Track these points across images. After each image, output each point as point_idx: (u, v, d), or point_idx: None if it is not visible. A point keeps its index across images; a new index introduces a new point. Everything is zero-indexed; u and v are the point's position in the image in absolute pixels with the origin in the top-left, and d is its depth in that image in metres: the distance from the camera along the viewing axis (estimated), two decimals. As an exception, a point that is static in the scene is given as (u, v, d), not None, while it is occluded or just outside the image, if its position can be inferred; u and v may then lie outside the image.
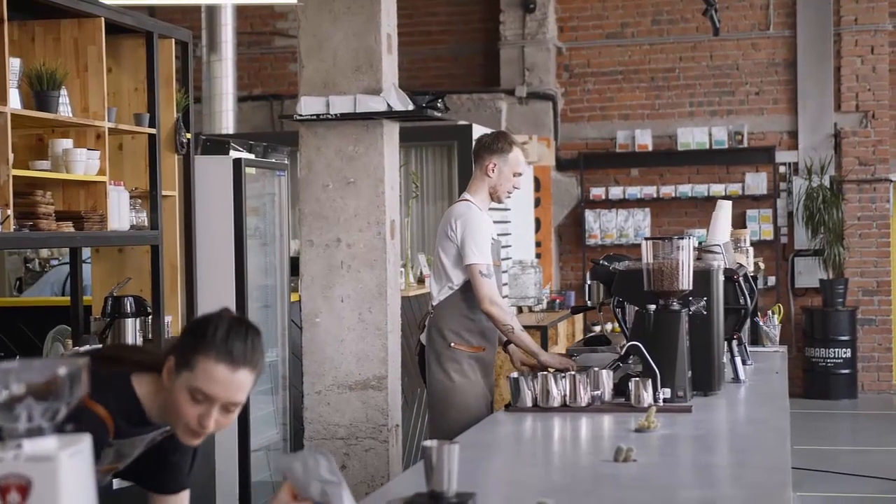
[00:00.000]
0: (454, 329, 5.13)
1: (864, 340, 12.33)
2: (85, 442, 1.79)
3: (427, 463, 2.72)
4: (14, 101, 4.58)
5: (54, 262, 8.79)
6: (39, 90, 4.74)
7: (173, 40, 5.78)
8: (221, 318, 2.60)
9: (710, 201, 12.30)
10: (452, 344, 5.12)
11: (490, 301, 5.00)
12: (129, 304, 5.34)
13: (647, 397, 4.15)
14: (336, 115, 5.67)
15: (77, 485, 1.76)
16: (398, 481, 3.07)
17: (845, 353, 12.03)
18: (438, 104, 6.11)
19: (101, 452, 2.61)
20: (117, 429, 2.61)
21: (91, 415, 2.56)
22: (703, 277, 4.52)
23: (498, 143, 5.24)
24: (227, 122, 10.77)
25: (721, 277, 4.67)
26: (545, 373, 4.30)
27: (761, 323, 6.38)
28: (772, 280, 12.35)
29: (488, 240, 5.11)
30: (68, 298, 5.69)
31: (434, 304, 5.22)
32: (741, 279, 5.05)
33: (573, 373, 4.29)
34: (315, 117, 5.70)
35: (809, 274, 12.37)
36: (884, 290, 12.40)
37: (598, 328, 12.20)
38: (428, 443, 2.73)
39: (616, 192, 12.68)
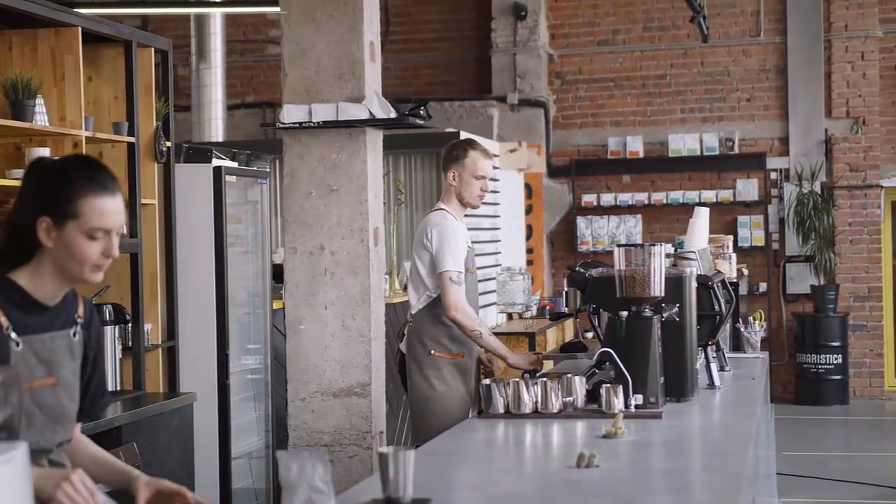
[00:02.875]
0: (433, 337, 5.22)
1: (856, 346, 12.34)
2: (20, 449, 1.82)
3: (383, 469, 2.75)
4: (-12, 110, 4.61)
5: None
6: (15, 99, 4.76)
7: (153, 49, 5.80)
8: (71, 162, 2.72)
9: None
10: (432, 351, 5.21)
11: (455, 308, 5.08)
12: (108, 312, 5.35)
13: (618, 404, 4.16)
14: (318, 122, 5.69)
15: (10, 491, 1.78)
16: (359, 488, 3.08)
17: (836, 358, 12.04)
18: (421, 112, 6.12)
19: (7, 350, 2.61)
20: (13, 322, 2.64)
21: None
22: (675, 284, 4.53)
23: (453, 151, 5.37)
24: (216, 130, 10.79)
25: (694, 284, 4.68)
26: (517, 379, 4.32)
27: (742, 329, 6.39)
28: (763, 286, 12.36)
29: (463, 248, 5.16)
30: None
31: (413, 312, 5.31)
32: (717, 285, 5.06)
33: (545, 379, 4.30)
34: (298, 125, 5.72)
35: (801, 280, 12.38)
36: (875, 295, 12.41)
37: (590, 335, 12.21)
38: (383, 449, 2.75)
39: (608, 198, 12.70)
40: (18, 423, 2.48)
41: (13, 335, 2.64)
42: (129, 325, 5.50)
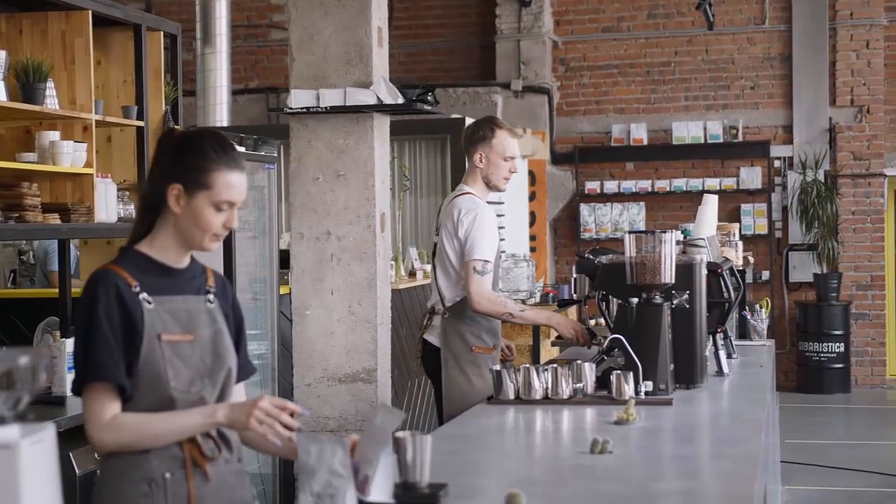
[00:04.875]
0: (474, 332, 5.05)
1: (858, 335, 12.36)
2: (48, 431, 1.82)
3: (400, 454, 2.75)
4: (-1, 93, 4.61)
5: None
6: (26, 82, 4.75)
7: (162, 33, 5.79)
8: (206, 136, 2.84)
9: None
10: (474, 348, 5.04)
11: (477, 301, 4.90)
12: (116, 297, 5.34)
13: (629, 390, 4.17)
14: (326, 108, 5.68)
15: (39, 472, 1.78)
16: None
17: (839, 347, 12.06)
18: (428, 98, 6.11)
19: (139, 307, 2.75)
20: (139, 280, 2.77)
21: (100, 271, 2.77)
22: (685, 271, 4.53)
23: (479, 131, 5.15)
24: (220, 114, 10.76)
25: (704, 271, 4.68)
26: (527, 365, 4.32)
27: (749, 317, 6.40)
28: (766, 274, 12.37)
29: (495, 236, 5.00)
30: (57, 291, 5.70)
31: (447, 304, 5.09)
32: (725, 273, 5.06)
33: (555, 365, 4.30)
34: (305, 110, 5.71)
35: (803, 268, 12.39)
36: (877, 284, 12.42)
37: (592, 322, 12.23)
38: (400, 434, 2.75)
39: (611, 186, 12.70)
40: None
41: (144, 295, 2.76)
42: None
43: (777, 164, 12.54)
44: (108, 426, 2.71)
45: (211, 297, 2.89)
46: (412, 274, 8.26)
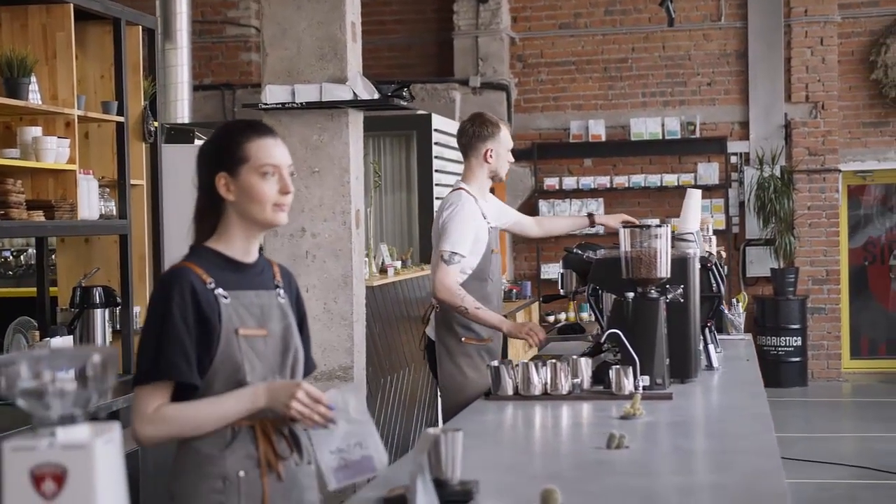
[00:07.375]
0: (463, 323, 5.07)
1: (814, 329, 12.49)
2: (116, 431, 1.77)
3: (432, 450, 2.72)
4: (-18, 88, 4.51)
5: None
6: (9, 77, 4.65)
7: (140, 27, 5.70)
8: (228, 124, 2.89)
9: (663, 191, 12.43)
10: (463, 339, 5.08)
11: (438, 288, 4.95)
12: (97, 295, 5.26)
13: (629, 385, 4.17)
14: (301, 103, 5.64)
15: (111, 472, 1.75)
16: (395, 468, 3.05)
17: (796, 341, 12.18)
18: (404, 93, 6.10)
19: (215, 302, 2.74)
20: (213, 276, 2.77)
21: (174, 269, 2.78)
22: (680, 265, 4.54)
23: (487, 128, 5.23)
24: (182, 111, 10.66)
25: (697, 265, 4.70)
26: (526, 361, 4.30)
27: (726, 311, 6.43)
28: (724, 269, 12.45)
29: (471, 230, 5.03)
30: (34, 290, 5.59)
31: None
32: (714, 267, 5.08)
33: (554, 361, 4.29)
34: (280, 106, 5.66)
35: (760, 263, 12.50)
36: (833, 278, 12.56)
37: (551, 318, 12.26)
38: (432, 430, 2.72)
39: (570, 182, 12.73)
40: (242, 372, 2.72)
41: (219, 290, 2.75)
42: (119, 307, 5.41)
43: (734, 159, 12.64)
44: (150, 419, 2.70)
45: (281, 291, 2.89)
46: (383, 271, 8.22)
